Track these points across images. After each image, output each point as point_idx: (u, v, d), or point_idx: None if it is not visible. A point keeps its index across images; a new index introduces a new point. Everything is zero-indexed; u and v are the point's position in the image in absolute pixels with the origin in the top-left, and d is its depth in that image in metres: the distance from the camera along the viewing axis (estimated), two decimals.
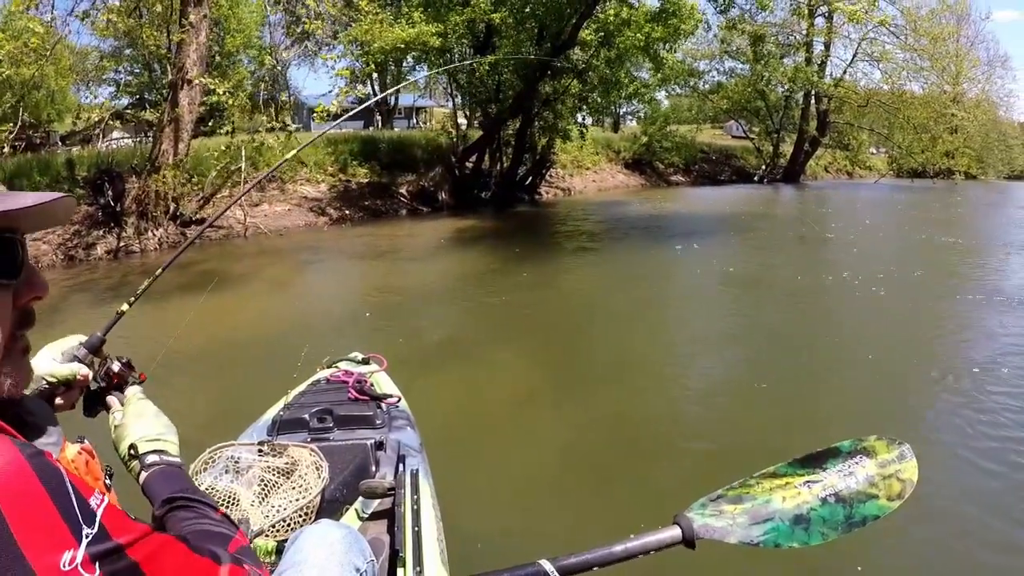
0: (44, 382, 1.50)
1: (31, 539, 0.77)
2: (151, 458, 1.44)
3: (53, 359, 1.63)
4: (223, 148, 14.48)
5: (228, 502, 2.14)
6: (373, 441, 2.69)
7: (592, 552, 1.59)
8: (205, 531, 1.22)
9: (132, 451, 1.46)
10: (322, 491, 2.25)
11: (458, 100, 25.49)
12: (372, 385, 3.35)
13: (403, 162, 22.05)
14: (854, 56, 42.08)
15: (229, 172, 14.79)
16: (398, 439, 2.84)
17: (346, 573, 1.61)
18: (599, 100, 24.56)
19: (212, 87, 13.58)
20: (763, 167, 41.54)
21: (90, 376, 1.66)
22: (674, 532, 1.66)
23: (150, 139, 16.13)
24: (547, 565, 1.55)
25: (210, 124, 15.98)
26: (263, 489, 2.26)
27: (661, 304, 10.18)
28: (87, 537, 0.81)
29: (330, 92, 18.95)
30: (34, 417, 1.11)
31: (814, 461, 1.79)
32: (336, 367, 3.69)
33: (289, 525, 2.14)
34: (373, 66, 20.52)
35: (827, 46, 41.57)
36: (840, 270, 11.82)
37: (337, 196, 19.28)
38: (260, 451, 2.40)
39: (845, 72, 42.82)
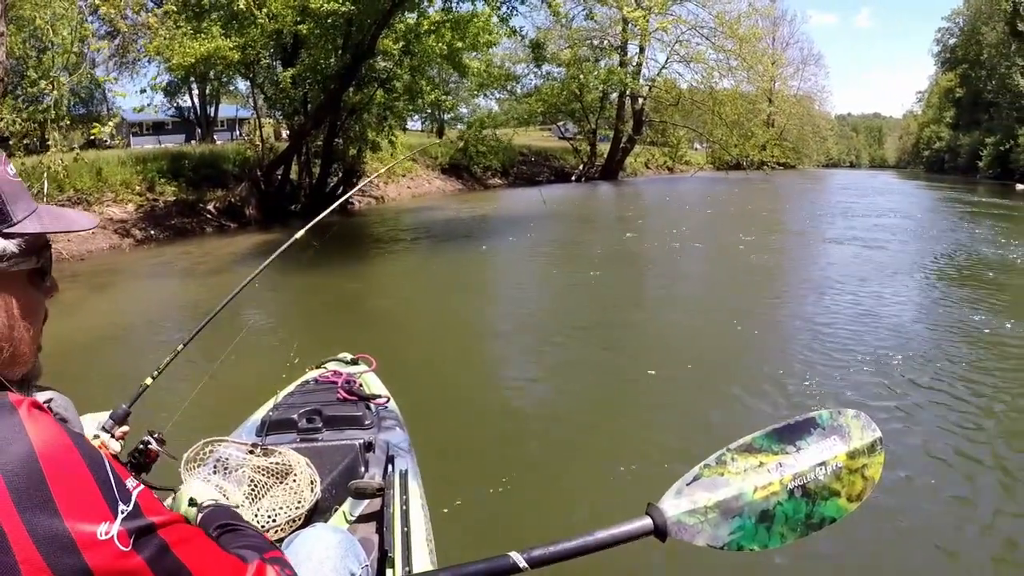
0: None
1: (70, 506, 0.88)
2: (208, 502, 1.60)
3: (88, 427, 1.89)
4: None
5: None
6: (362, 442, 2.80)
7: (563, 543, 1.59)
8: (244, 543, 1.30)
9: (192, 502, 1.62)
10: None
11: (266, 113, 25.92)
12: (361, 385, 3.49)
13: (212, 177, 22.29)
14: (667, 58, 45.15)
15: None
16: (387, 440, 2.95)
17: None
18: (407, 108, 25.52)
19: None
20: (581, 166, 44.19)
21: (117, 449, 1.87)
22: (645, 523, 1.67)
23: None
24: (517, 557, 1.55)
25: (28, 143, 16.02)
26: (253, 490, 2.35)
27: (452, 303, 11.34)
28: (123, 513, 0.92)
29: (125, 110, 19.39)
30: (62, 410, 1.25)
31: (790, 434, 1.80)
32: (325, 368, 3.83)
33: (280, 528, 2.24)
34: (162, 85, 20.74)
35: (641, 49, 44.53)
36: (619, 246, 14.97)
37: (143, 216, 19.24)
38: (251, 452, 2.49)
39: (659, 73, 45.84)
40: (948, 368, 6.71)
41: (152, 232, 18.87)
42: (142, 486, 0.99)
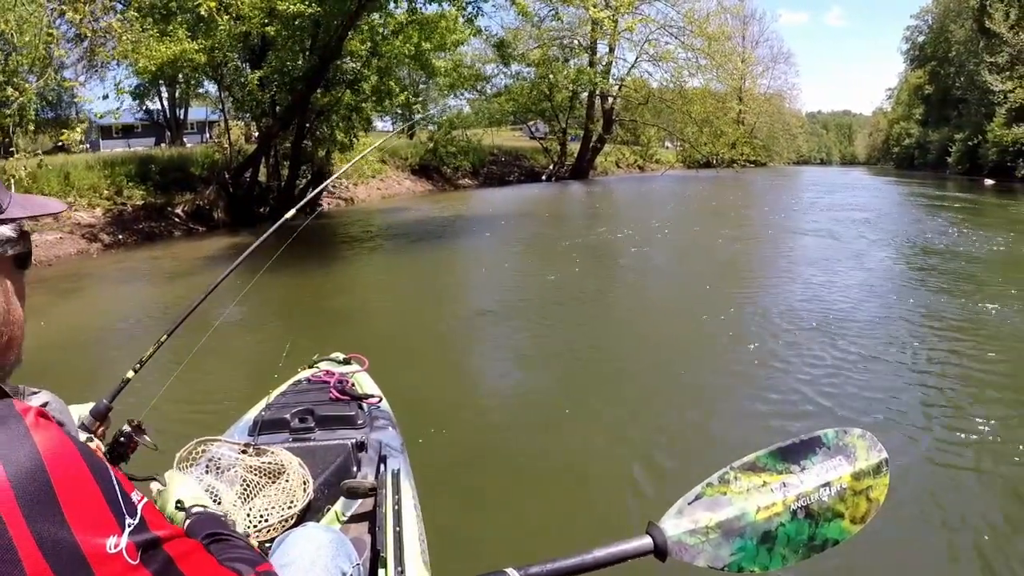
0: None
1: (79, 519, 0.88)
2: (195, 508, 1.63)
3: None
4: None
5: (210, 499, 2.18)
6: (354, 441, 2.81)
7: (559, 560, 1.58)
8: (235, 555, 1.34)
9: (179, 505, 1.65)
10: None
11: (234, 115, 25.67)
12: (354, 385, 3.51)
13: (180, 181, 22.25)
14: (637, 57, 45.60)
15: None
16: (379, 439, 2.96)
17: None
18: (375, 109, 25.52)
19: None
20: (552, 166, 44.58)
21: (102, 448, 1.90)
22: (645, 542, 1.66)
23: None
24: (513, 573, 1.53)
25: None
26: (245, 490, 2.37)
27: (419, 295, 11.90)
28: (129, 526, 0.93)
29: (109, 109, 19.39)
30: (58, 414, 1.25)
31: (796, 453, 1.80)
32: (317, 367, 3.83)
33: (273, 527, 2.28)
34: (128, 90, 20.71)
35: (611, 48, 44.94)
36: (583, 237, 15.59)
37: (111, 221, 19.17)
38: (244, 451, 2.50)
39: (629, 72, 46.29)
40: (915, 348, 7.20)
41: (120, 237, 18.79)
42: (146, 499, 1.00)
